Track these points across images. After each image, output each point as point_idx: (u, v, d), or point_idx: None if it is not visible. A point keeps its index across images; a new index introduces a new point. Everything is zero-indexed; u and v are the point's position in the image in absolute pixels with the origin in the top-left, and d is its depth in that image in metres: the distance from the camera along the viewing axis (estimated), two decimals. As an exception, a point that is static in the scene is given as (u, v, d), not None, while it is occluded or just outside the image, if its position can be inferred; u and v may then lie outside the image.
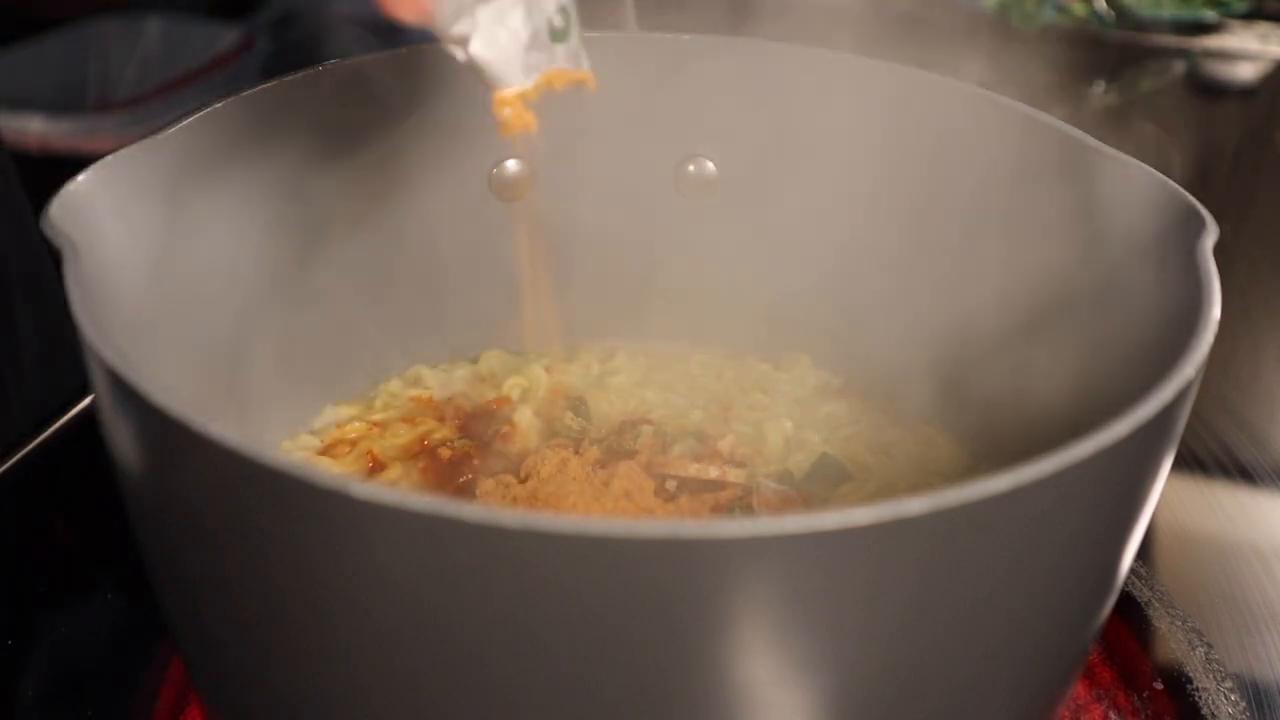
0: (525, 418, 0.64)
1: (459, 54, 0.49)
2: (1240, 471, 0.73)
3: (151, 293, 0.49)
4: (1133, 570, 0.63)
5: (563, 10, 0.52)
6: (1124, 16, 1.35)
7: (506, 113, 0.50)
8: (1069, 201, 0.53)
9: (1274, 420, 0.81)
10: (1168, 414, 0.37)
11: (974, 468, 0.62)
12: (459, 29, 0.48)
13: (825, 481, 0.61)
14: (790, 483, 0.61)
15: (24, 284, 0.81)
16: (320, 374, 0.64)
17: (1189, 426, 0.41)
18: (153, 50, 1.45)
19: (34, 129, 1.27)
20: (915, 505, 0.32)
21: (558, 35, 0.51)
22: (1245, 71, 1.33)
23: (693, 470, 0.61)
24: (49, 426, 0.70)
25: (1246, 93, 1.32)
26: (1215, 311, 0.42)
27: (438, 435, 0.64)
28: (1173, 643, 0.60)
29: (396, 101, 0.61)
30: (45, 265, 0.81)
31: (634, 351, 0.70)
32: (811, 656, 0.35)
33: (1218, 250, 0.45)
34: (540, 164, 0.66)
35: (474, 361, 0.69)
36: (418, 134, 0.63)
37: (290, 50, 1.46)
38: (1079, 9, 1.34)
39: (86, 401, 0.71)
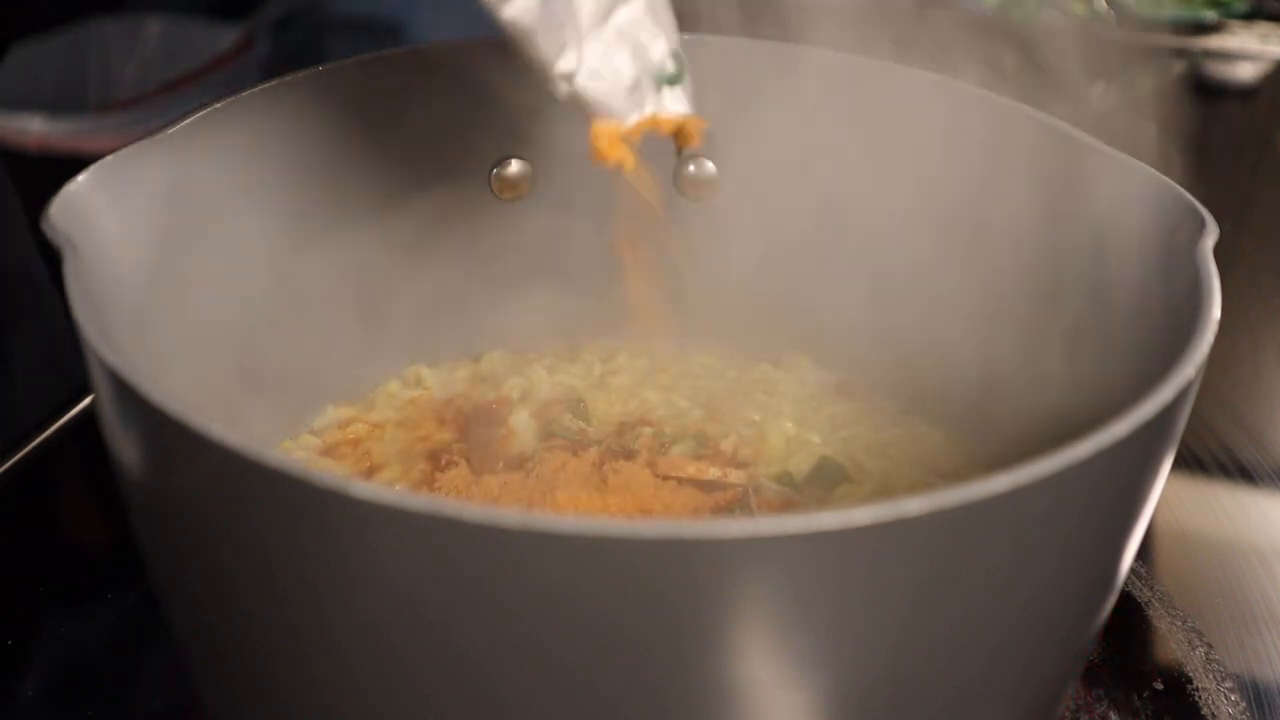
0: (523, 419, 0.64)
1: (562, 87, 0.50)
2: (1240, 471, 0.73)
3: (151, 293, 0.49)
4: (1133, 570, 0.63)
5: (676, 57, 0.53)
6: (1124, 16, 1.35)
7: (603, 144, 0.51)
8: (1069, 202, 0.53)
9: (1274, 420, 0.81)
10: (1168, 414, 0.37)
11: (974, 467, 0.62)
12: (564, 65, 0.49)
13: (825, 483, 0.61)
14: (790, 484, 0.61)
15: (22, 283, 0.81)
16: (320, 374, 0.64)
17: (1189, 426, 0.41)
18: (153, 50, 1.45)
19: (34, 129, 1.27)
20: (915, 505, 0.32)
21: (670, 80, 0.53)
22: (1245, 71, 1.33)
23: (693, 471, 0.61)
24: (49, 426, 0.70)
25: (1246, 93, 1.32)
26: (1215, 311, 0.42)
27: (437, 437, 0.64)
28: (1173, 643, 0.60)
29: (396, 102, 0.61)
30: (41, 265, 0.81)
31: (634, 351, 0.70)
32: (811, 656, 0.35)
33: (1218, 250, 0.45)
34: (540, 164, 0.66)
35: (476, 361, 0.69)
36: (418, 134, 0.63)
37: (290, 50, 1.46)
38: (1079, 9, 1.34)
39: (86, 401, 0.71)
